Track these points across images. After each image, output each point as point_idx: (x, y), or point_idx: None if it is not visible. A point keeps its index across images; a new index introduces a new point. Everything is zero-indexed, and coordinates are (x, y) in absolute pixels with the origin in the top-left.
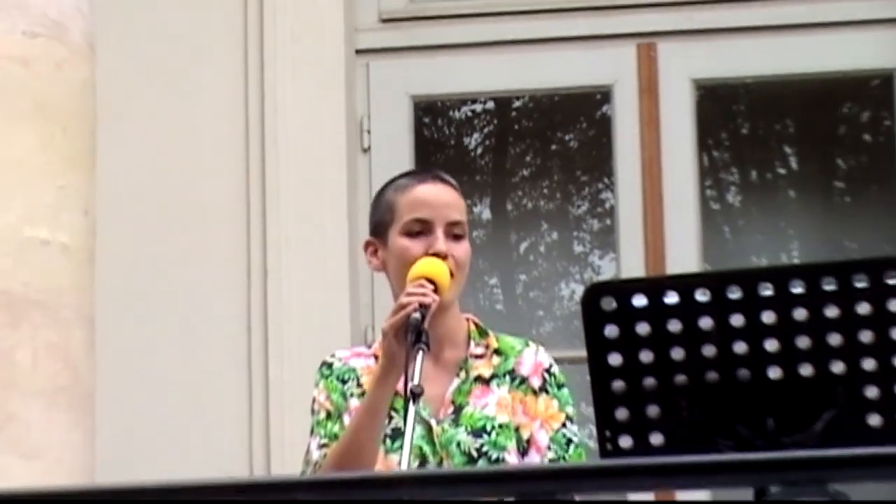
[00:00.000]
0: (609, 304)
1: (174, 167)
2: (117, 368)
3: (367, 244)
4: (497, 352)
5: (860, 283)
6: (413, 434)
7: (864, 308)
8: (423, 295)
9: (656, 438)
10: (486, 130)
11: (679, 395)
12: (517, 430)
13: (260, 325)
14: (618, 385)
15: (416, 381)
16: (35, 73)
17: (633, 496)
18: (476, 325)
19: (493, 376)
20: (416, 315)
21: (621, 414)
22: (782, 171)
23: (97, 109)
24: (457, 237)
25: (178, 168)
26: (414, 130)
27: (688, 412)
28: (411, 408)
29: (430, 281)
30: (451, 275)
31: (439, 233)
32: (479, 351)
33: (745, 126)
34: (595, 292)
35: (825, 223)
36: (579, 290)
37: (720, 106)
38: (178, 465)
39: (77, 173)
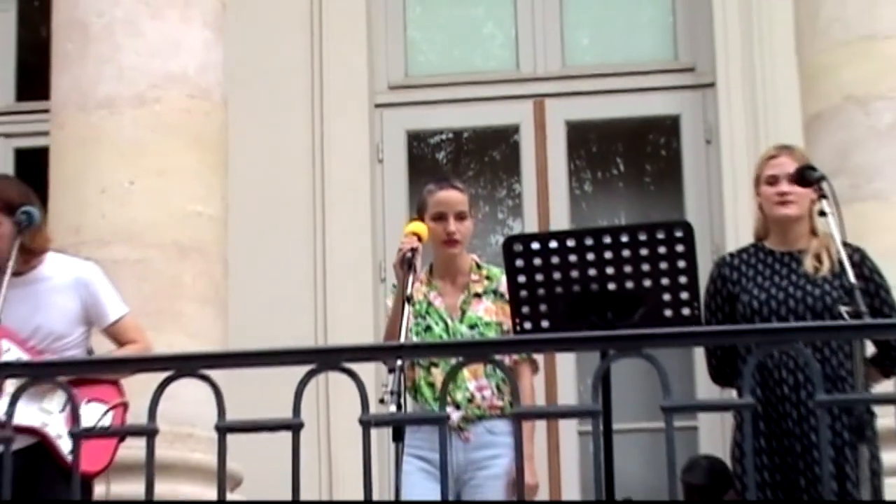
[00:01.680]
0: (518, 247)
1: (272, 169)
2: (239, 286)
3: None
4: (487, 277)
5: (660, 235)
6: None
7: (662, 249)
8: (411, 243)
9: (545, 324)
10: (448, 150)
11: (558, 299)
12: (500, 324)
13: (321, 260)
14: (523, 293)
15: (408, 292)
16: (193, 118)
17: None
18: (476, 262)
19: (484, 292)
20: (408, 254)
21: (525, 310)
22: (615, 172)
23: (228, 140)
24: (461, 219)
25: (274, 170)
26: (407, 150)
27: (563, 309)
28: (406, 307)
29: (416, 234)
30: (456, 241)
31: (451, 220)
32: (476, 278)
33: (595, 147)
34: (510, 240)
35: (639, 203)
36: (501, 239)
37: (581, 136)
38: (270, 340)
39: (217, 176)
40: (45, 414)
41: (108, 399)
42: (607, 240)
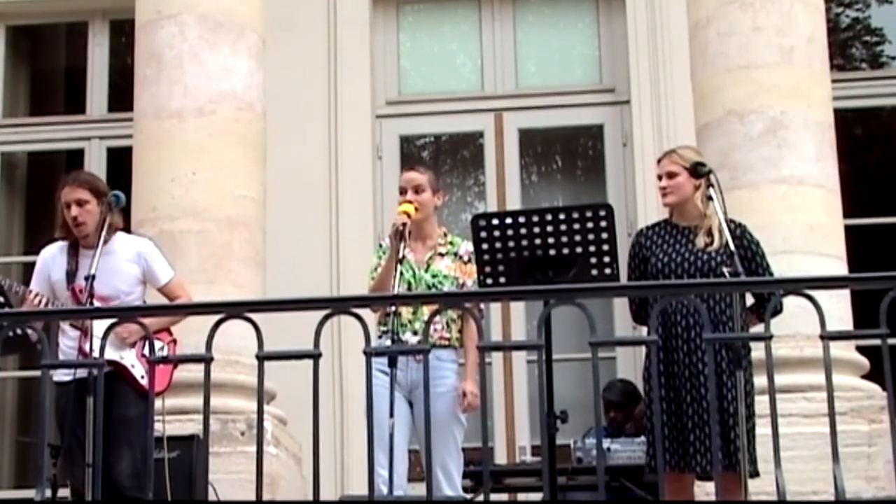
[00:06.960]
0: (482, 223)
1: (299, 164)
2: (274, 250)
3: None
4: (450, 243)
5: (588, 214)
6: (401, 275)
7: (590, 224)
8: (402, 218)
9: (502, 280)
10: (430, 150)
11: (512, 261)
12: (456, 278)
13: (335, 231)
14: (486, 257)
15: (401, 255)
16: (240, 125)
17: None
18: (445, 231)
19: (446, 254)
20: (400, 227)
21: (487, 269)
22: (555, 167)
23: (266, 142)
24: (418, 192)
25: (301, 164)
26: (400, 150)
27: (515, 269)
28: (398, 266)
29: (406, 212)
30: (416, 209)
31: (409, 192)
32: (441, 241)
33: (539, 148)
34: (476, 217)
35: (572, 191)
36: (469, 217)
37: (530, 140)
38: (297, 290)
39: (258, 168)
40: (120, 351)
41: (163, 338)
42: (549, 217)
